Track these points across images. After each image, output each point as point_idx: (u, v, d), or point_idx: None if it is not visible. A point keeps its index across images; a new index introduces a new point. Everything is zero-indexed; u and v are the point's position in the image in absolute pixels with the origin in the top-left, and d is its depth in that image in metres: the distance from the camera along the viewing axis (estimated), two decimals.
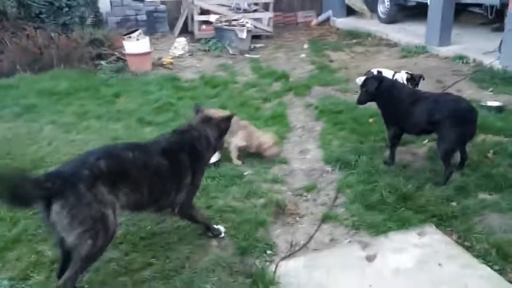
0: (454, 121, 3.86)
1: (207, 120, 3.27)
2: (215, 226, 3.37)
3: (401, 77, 5.92)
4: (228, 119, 3.34)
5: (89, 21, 8.71)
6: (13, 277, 2.97)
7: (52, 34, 7.56)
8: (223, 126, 3.30)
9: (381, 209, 3.63)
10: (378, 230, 3.40)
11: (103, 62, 7.63)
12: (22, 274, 2.99)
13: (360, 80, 5.81)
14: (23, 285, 2.92)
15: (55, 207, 2.40)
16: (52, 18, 7.87)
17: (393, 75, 5.97)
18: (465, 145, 4.12)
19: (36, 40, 7.34)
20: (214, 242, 3.32)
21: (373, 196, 3.78)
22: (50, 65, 7.33)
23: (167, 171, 2.91)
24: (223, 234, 3.36)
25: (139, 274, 3.00)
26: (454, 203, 3.70)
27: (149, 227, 3.47)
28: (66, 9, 8.00)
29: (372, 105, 5.92)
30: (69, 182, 2.46)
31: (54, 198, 2.41)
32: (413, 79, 5.83)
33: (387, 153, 4.45)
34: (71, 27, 8.03)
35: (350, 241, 3.35)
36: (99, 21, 9.12)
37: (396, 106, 4.20)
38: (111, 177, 2.62)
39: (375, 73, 5.94)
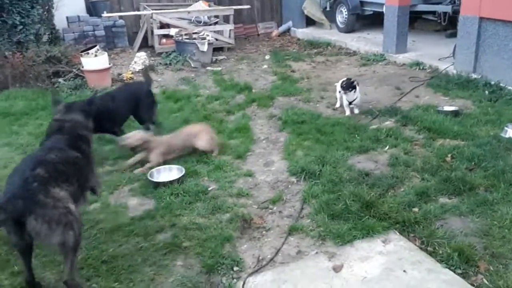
0: (149, 96, 5.45)
1: (70, 108, 3.65)
2: None
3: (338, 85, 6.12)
4: (89, 102, 3.80)
5: (45, 38, 8.48)
6: None
7: (6, 53, 7.30)
8: (86, 109, 3.70)
9: (346, 218, 3.65)
10: (344, 239, 3.41)
11: (60, 80, 7.43)
12: None
13: (339, 84, 6.09)
14: None
15: (30, 223, 2.63)
16: (6, 37, 7.58)
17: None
18: None
19: None
20: (179, 262, 3.25)
21: (338, 205, 3.80)
22: (5, 85, 7.09)
23: (81, 161, 3.26)
24: None
25: None
26: (416, 209, 3.76)
27: (111, 249, 3.37)
28: (21, 26, 7.73)
29: (335, 114, 6.09)
30: (28, 199, 2.66)
31: (24, 218, 2.63)
32: (347, 85, 5.92)
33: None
34: (26, 45, 7.76)
35: (316, 252, 3.34)
36: (55, 38, 8.88)
37: (109, 113, 4.99)
38: (53, 179, 2.87)
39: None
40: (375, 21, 10.82)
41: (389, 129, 5.36)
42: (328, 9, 11.80)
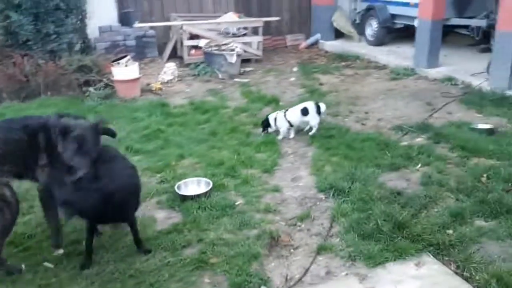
0: None
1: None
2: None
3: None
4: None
5: (77, 47, 8.61)
6: None
7: (40, 61, 7.44)
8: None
9: (377, 239, 3.55)
10: (375, 261, 3.31)
11: (91, 89, 7.53)
12: None
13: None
14: None
15: None
16: (40, 45, 7.75)
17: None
18: None
19: (22, 67, 7.25)
20: (206, 279, 3.21)
21: (369, 224, 3.70)
22: (37, 92, 7.23)
23: (25, 145, 3.24)
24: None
25: None
26: (450, 231, 3.63)
27: (138, 263, 3.35)
28: (54, 36, 7.89)
29: (364, 129, 5.97)
30: None
31: None
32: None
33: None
34: (59, 53, 7.91)
35: (347, 274, 3.25)
36: (87, 47, 9.03)
37: None
38: None
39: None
40: (405, 34, 10.67)
41: (421, 146, 5.22)
42: (357, 21, 11.70)
